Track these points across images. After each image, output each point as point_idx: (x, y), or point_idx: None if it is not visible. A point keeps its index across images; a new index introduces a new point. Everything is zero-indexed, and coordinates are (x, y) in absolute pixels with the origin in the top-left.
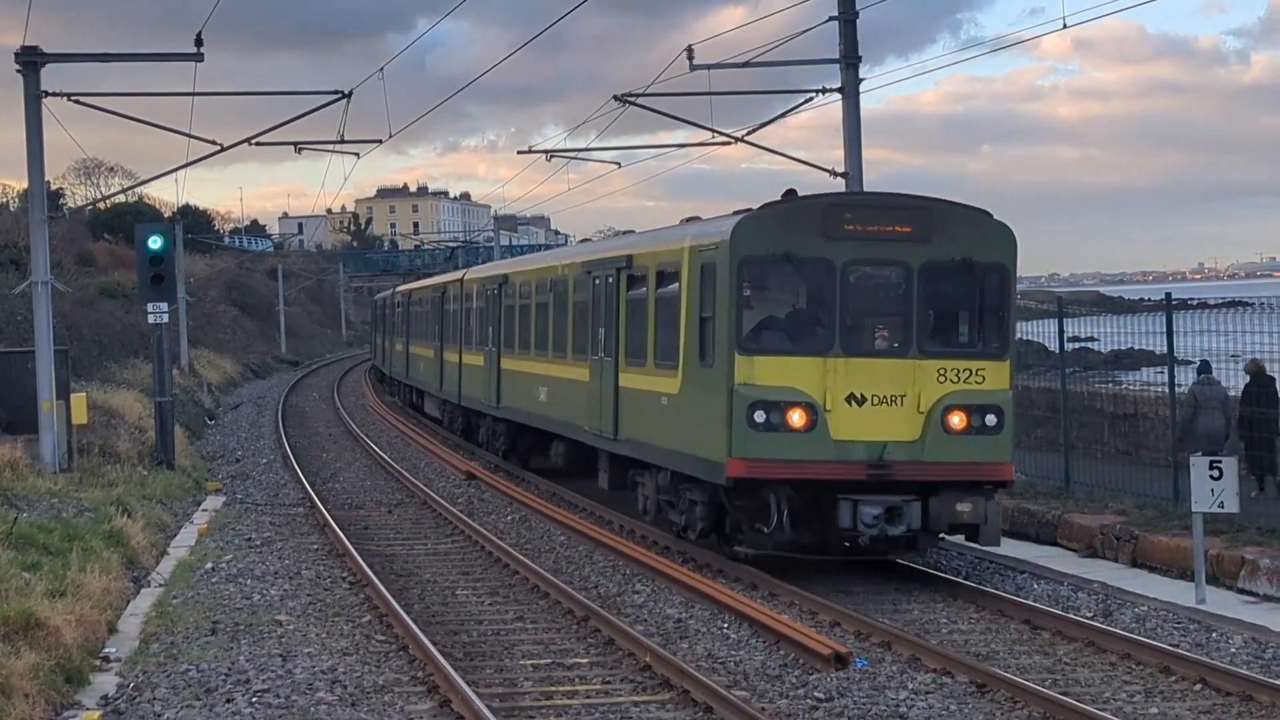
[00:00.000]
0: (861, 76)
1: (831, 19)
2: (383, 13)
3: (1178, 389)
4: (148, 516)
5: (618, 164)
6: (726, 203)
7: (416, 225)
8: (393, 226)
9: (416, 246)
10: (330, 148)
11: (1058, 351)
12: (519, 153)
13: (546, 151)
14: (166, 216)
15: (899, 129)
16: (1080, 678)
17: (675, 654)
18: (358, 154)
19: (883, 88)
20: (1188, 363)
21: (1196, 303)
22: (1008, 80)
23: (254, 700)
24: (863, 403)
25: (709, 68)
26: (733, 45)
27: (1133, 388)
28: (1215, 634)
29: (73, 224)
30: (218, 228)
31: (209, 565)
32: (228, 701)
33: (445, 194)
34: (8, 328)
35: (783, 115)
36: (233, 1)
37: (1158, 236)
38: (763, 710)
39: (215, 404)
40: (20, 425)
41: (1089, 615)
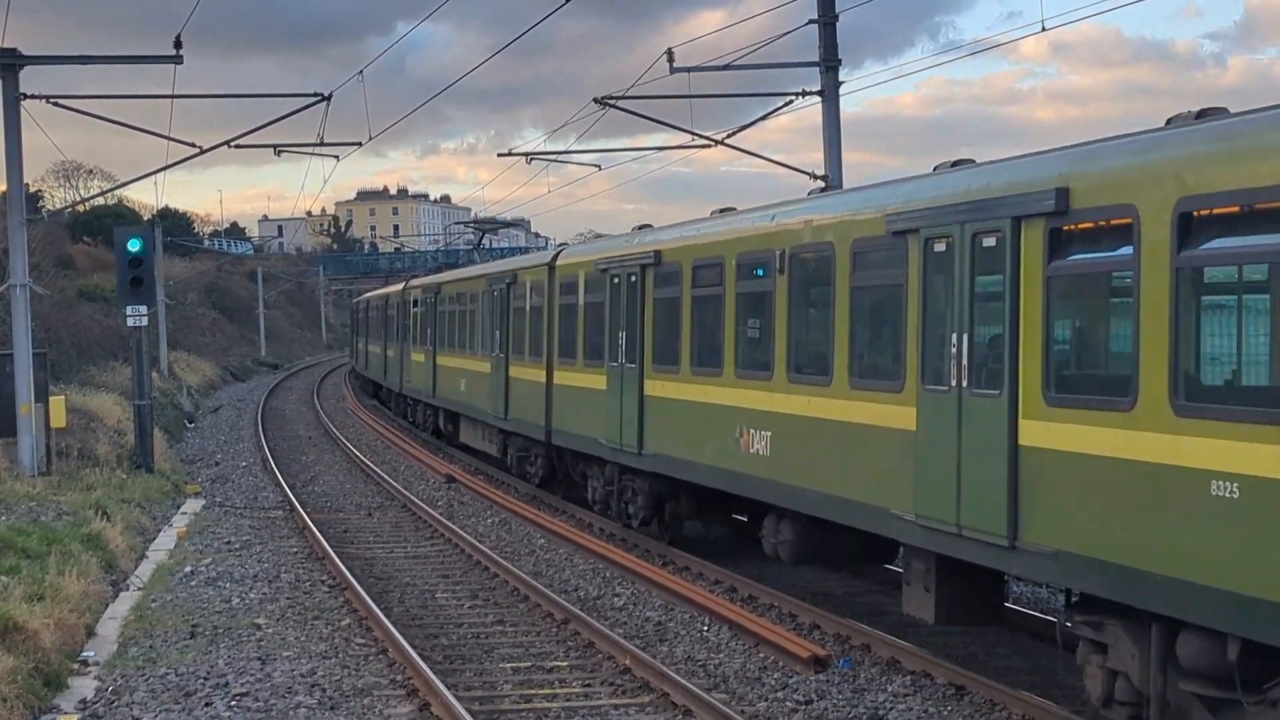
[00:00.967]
0: (841, 79)
1: (811, 22)
2: (362, 16)
3: None
4: (126, 520)
5: (598, 166)
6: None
7: (397, 228)
8: (373, 229)
9: (397, 249)
10: (310, 150)
11: None
12: (499, 155)
13: (527, 154)
14: (146, 219)
15: (878, 132)
16: (1060, 679)
17: (655, 657)
18: (337, 156)
19: (862, 90)
20: None
21: None
22: (986, 83)
23: (233, 704)
24: None
25: (689, 70)
26: (713, 48)
27: None
28: None
29: (52, 227)
30: (197, 230)
31: (188, 568)
32: (206, 705)
33: (425, 197)
34: None
35: (763, 118)
36: (212, 4)
37: None
38: (742, 713)
39: (194, 407)
40: None
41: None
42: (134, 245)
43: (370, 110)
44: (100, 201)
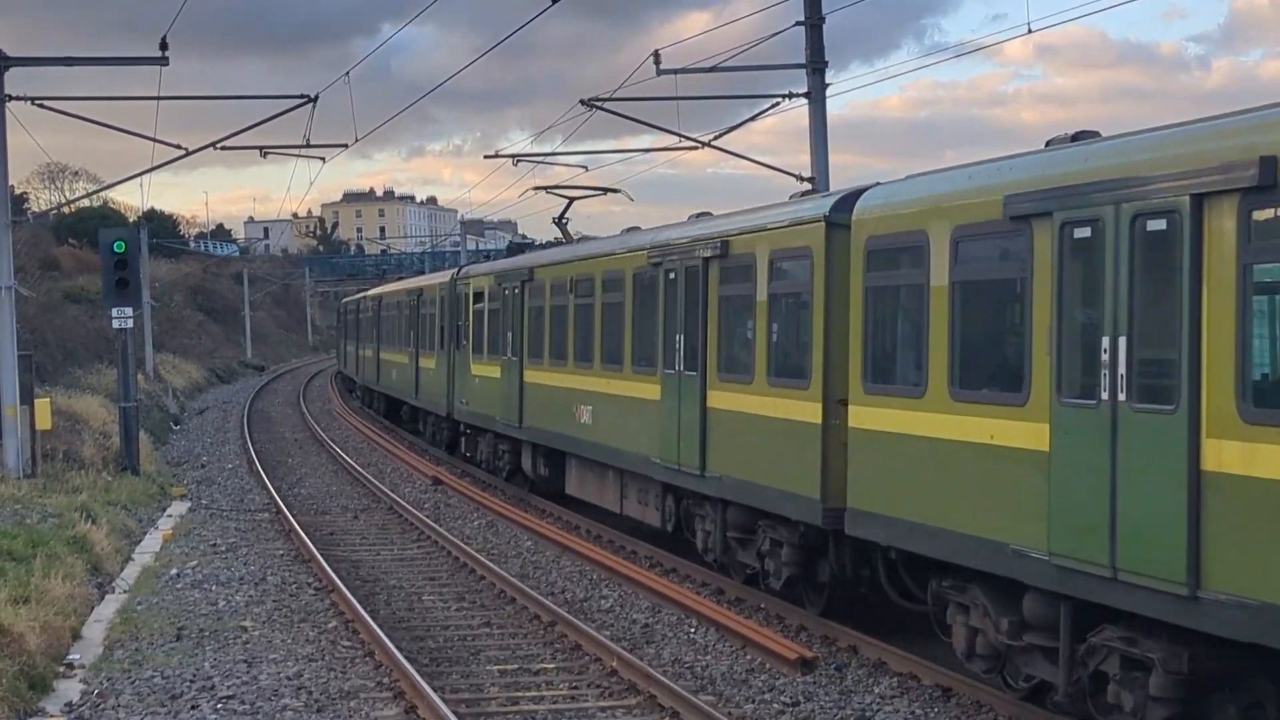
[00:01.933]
0: (827, 82)
1: (798, 24)
2: (347, 17)
3: None
4: (112, 522)
5: (584, 168)
6: (693, 207)
7: (383, 230)
8: (359, 231)
9: (383, 251)
10: (296, 152)
11: None
12: (486, 157)
13: (513, 156)
14: (131, 221)
15: (864, 134)
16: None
17: (642, 659)
18: (323, 158)
19: (848, 91)
20: None
21: None
22: (971, 86)
23: (219, 706)
24: None
25: (676, 72)
26: (699, 50)
27: None
28: None
29: (37, 228)
30: (183, 232)
31: (174, 571)
32: (192, 708)
33: (412, 198)
34: None
35: (750, 120)
36: (197, 6)
37: None
38: (729, 715)
39: (180, 409)
40: None
41: None
42: (119, 247)
43: (356, 112)
44: (86, 203)
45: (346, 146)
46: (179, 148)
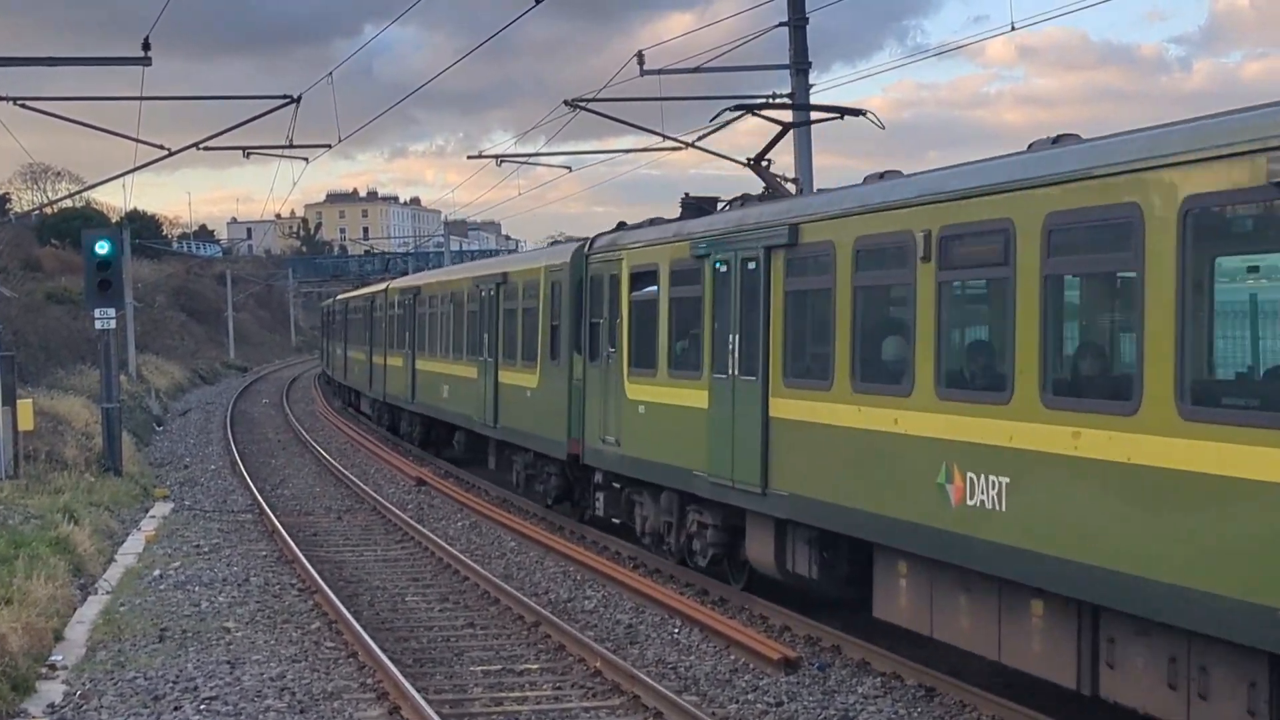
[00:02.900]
0: (811, 83)
1: (781, 24)
2: (329, 18)
3: None
4: (95, 523)
5: (568, 168)
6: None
7: (366, 230)
8: (342, 231)
9: (367, 252)
10: (279, 153)
11: None
12: (469, 158)
13: (497, 156)
14: (114, 221)
15: (847, 135)
16: (1029, 680)
17: (626, 659)
18: (306, 159)
19: (830, 91)
20: None
21: None
22: (953, 87)
23: (202, 708)
24: None
25: (659, 73)
26: (683, 50)
27: None
28: None
29: (19, 229)
30: (166, 233)
31: (157, 572)
32: (175, 709)
33: (395, 199)
34: None
35: (733, 120)
36: (179, 7)
37: None
38: (713, 715)
39: (163, 410)
40: None
41: None
42: (102, 248)
43: (339, 113)
44: (68, 204)
45: (330, 147)
46: (162, 148)
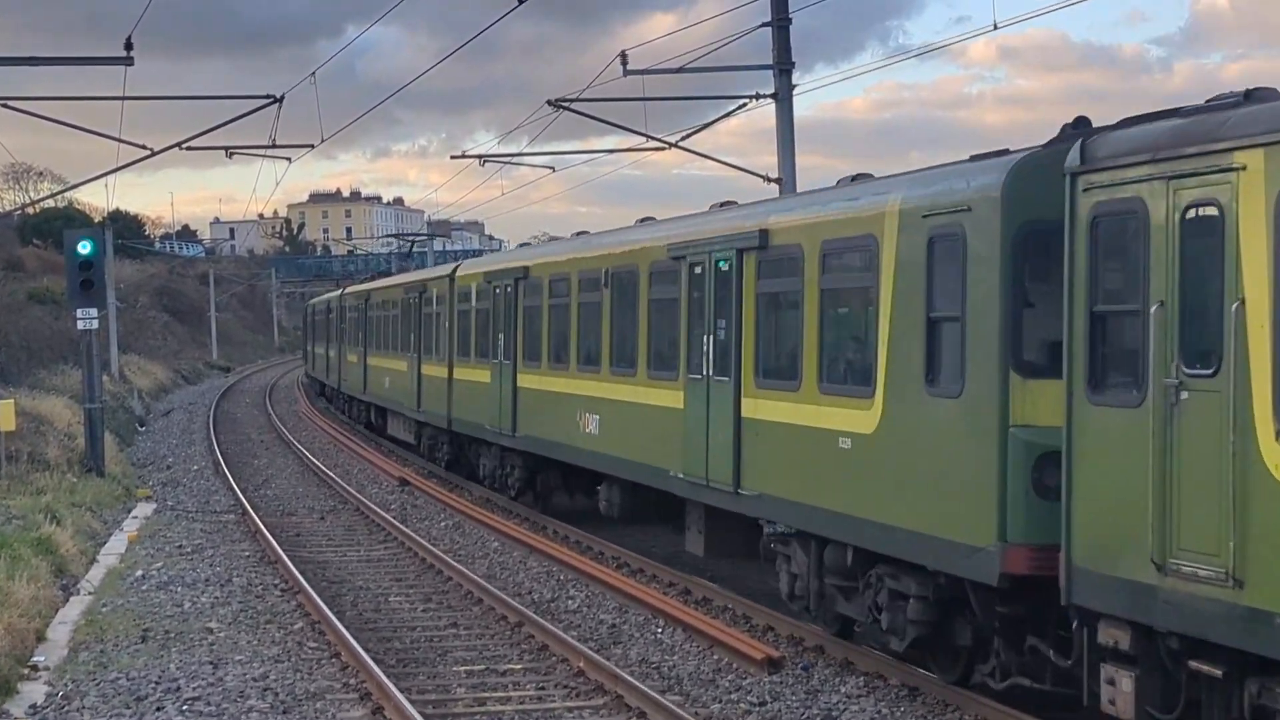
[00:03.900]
0: (794, 82)
1: (765, 25)
2: (311, 18)
3: None
4: (77, 524)
5: (551, 168)
6: (660, 208)
7: (349, 230)
8: (325, 232)
9: (350, 252)
10: (262, 152)
11: None
12: (453, 157)
13: (480, 156)
14: (96, 221)
15: (829, 135)
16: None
17: (609, 659)
18: (289, 158)
19: (812, 92)
20: None
21: None
22: (935, 88)
23: (184, 708)
24: None
25: (643, 73)
26: (666, 51)
27: None
28: None
29: (1, 229)
30: (148, 233)
31: (139, 573)
32: (158, 710)
33: (378, 199)
34: None
35: (716, 120)
36: (161, 6)
37: None
38: (696, 715)
39: (146, 411)
40: None
41: None
42: (84, 248)
43: (322, 113)
44: (50, 204)
45: (313, 147)
46: (144, 148)
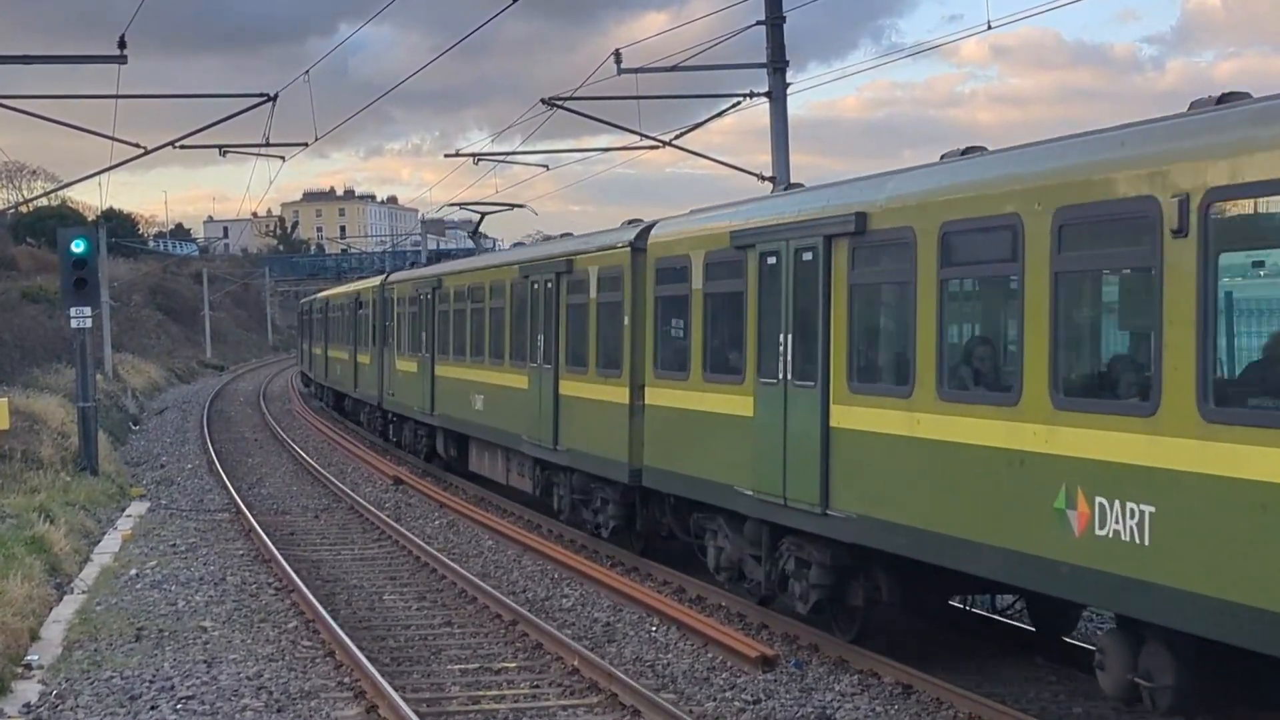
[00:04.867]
0: (788, 81)
1: (759, 23)
2: (304, 17)
3: None
4: (71, 523)
5: (545, 167)
6: (653, 208)
7: (343, 229)
8: (319, 230)
9: (344, 250)
10: (255, 151)
11: None
12: (446, 156)
13: (474, 155)
14: (90, 220)
15: (822, 134)
16: (1005, 677)
17: (603, 657)
18: (283, 157)
19: (805, 91)
20: None
21: None
22: (928, 86)
23: (178, 707)
24: None
25: (636, 72)
26: (659, 49)
27: None
28: None
29: None
30: (142, 231)
31: (133, 572)
32: (152, 709)
33: (372, 198)
34: None
35: (710, 119)
36: (155, 5)
37: None
38: (690, 713)
39: (139, 409)
40: None
41: (1013, 615)
42: (78, 246)
43: (316, 111)
44: (44, 202)
45: (306, 145)
46: (138, 146)
